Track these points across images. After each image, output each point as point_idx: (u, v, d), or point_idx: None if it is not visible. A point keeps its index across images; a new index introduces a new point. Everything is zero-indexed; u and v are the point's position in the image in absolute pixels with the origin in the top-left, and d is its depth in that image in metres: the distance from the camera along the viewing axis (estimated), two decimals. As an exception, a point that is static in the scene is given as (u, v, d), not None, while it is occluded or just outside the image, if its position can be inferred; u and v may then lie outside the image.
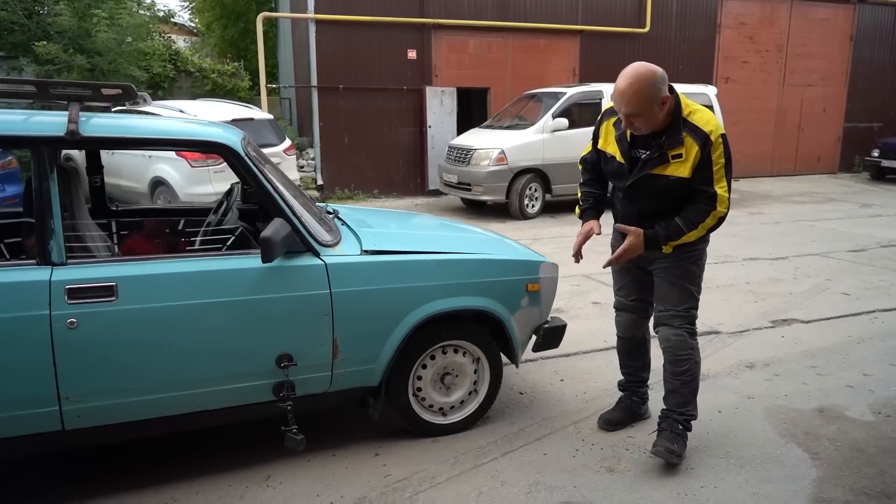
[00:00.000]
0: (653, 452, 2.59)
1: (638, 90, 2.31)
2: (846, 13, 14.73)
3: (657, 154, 2.44)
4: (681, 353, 2.59)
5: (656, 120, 2.39)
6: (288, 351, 2.44)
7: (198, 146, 2.41)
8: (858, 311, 4.82)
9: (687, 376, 2.61)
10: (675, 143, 2.41)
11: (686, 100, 2.48)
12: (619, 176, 2.62)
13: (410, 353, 2.71)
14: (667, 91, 2.36)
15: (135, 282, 2.21)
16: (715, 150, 2.38)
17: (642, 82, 2.31)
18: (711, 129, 2.39)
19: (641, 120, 2.38)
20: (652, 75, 2.33)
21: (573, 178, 9.28)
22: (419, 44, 11.21)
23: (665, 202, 2.52)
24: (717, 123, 2.42)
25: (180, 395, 2.34)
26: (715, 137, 2.37)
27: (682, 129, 2.40)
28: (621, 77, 2.37)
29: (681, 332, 2.60)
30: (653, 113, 2.36)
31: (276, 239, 2.28)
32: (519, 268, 2.90)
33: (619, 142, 2.57)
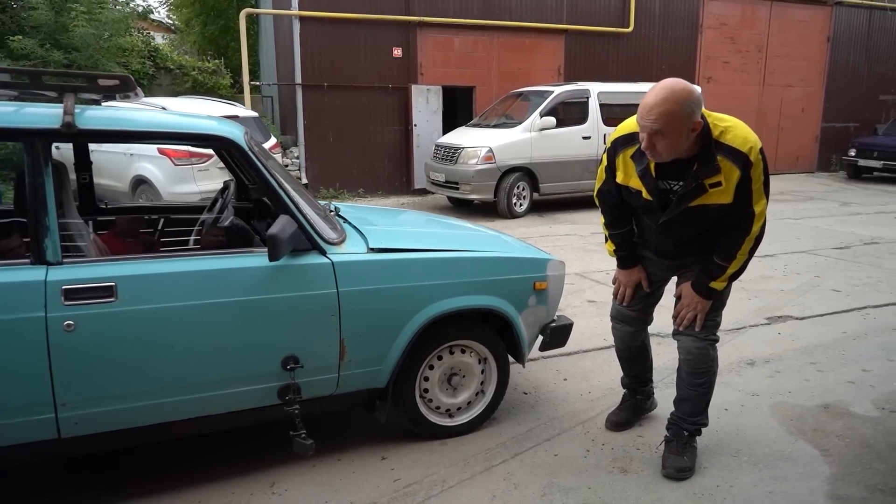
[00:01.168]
0: (664, 475, 2.50)
1: (671, 110, 2.04)
2: (823, 15, 14.98)
3: (693, 185, 2.19)
4: (701, 367, 2.50)
5: (681, 146, 2.14)
6: (294, 352, 2.35)
7: (199, 140, 2.31)
8: (850, 308, 4.86)
9: (704, 388, 2.54)
10: (711, 170, 2.15)
11: (714, 117, 2.20)
12: (649, 210, 2.40)
13: (418, 353, 2.64)
14: (699, 117, 2.11)
15: (135, 281, 2.10)
16: (755, 170, 2.17)
17: (677, 103, 2.04)
18: (750, 146, 2.14)
19: (665, 144, 2.11)
20: (689, 96, 2.06)
21: (560, 177, 9.38)
22: (405, 42, 11.13)
23: (706, 229, 2.36)
24: (755, 138, 2.17)
25: (182, 399, 2.24)
26: (755, 156, 2.14)
27: (717, 152, 2.14)
28: (654, 90, 2.11)
29: (704, 344, 2.46)
30: (680, 138, 2.10)
31: (283, 237, 2.19)
32: (527, 266, 2.84)
33: (643, 178, 2.31)
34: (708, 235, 2.39)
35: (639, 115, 2.13)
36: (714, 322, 2.50)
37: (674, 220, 2.32)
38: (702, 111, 2.14)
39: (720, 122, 2.19)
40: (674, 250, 2.50)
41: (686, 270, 2.55)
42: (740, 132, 2.17)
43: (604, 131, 9.45)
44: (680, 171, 2.23)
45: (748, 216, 2.26)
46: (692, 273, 2.49)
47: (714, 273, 2.36)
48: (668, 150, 2.14)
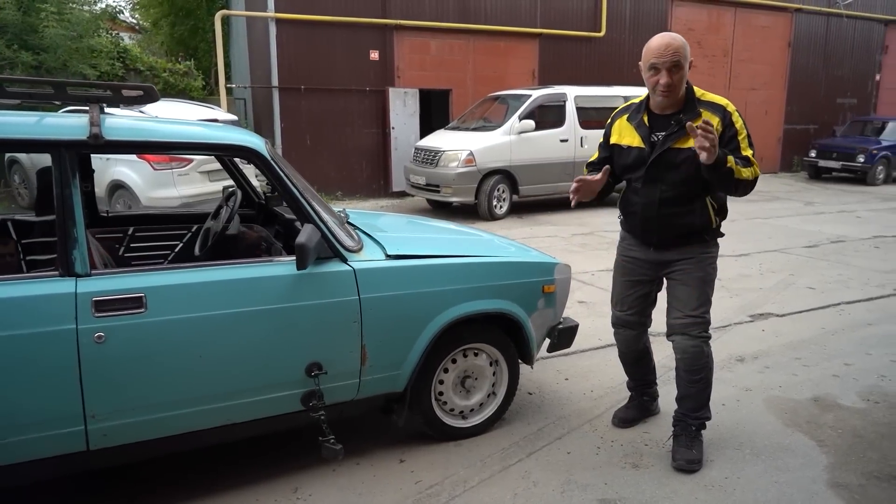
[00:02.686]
0: (675, 468, 2.62)
1: (681, 44, 2.45)
2: (784, 21, 15.51)
3: (677, 128, 2.51)
4: (697, 364, 2.63)
5: (680, 89, 2.50)
6: (318, 359, 2.39)
7: (224, 150, 2.32)
8: (826, 304, 5.09)
9: (702, 383, 2.67)
10: (693, 116, 2.47)
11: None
12: (638, 161, 2.61)
13: (434, 357, 2.70)
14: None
15: (164, 292, 2.11)
16: (736, 121, 2.49)
17: (679, 40, 2.47)
18: (725, 103, 2.53)
19: (679, 76, 2.46)
20: (683, 39, 2.50)
21: (539, 179, 9.53)
22: (381, 45, 11.14)
23: (687, 181, 2.51)
24: (728, 101, 2.56)
25: (209, 408, 2.25)
26: (731, 109, 2.51)
27: (699, 106, 2.52)
28: (660, 38, 2.48)
29: (698, 342, 2.61)
30: (685, 72, 2.48)
31: (311, 245, 2.23)
32: (536, 270, 2.93)
33: (638, 128, 2.63)
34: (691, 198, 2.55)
35: (655, 56, 2.45)
36: (704, 319, 2.63)
37: (660, 163, 2.56)
38: None
39: (701, 90, 2.60)
40: (658, 221, 2.61)
41: (671, 270, 2.69)
42: (717, 96, 2.59)
43: (581, 134, 9.65)
44: (667, 124, 2.56)
45: (746, 159, 2.46)
46: (679, 274, 2.65)
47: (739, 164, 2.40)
48: (679, 83, 2.48)
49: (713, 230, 2.64)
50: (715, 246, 2.69)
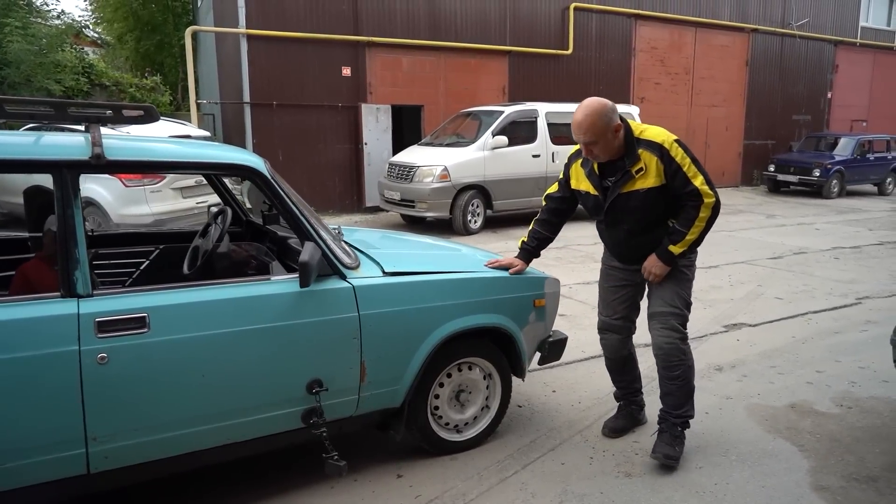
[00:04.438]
0: (652, 457, 2.76)
1: (593, 121, 2.55)
2: (742, 40, 16.14)
3: (622, 174, 2.66)
4: (673, 360, 2.75)
5: (612, 146, 2.62)
6: (318, 376, 2.40)
7: (225, 169, 2.33)
8: (794, 314, 5.29)
9: (681, 381, 2.78)
10: (633, 160, 2.62)
11: (636, 123, 2.71)
12: (597, 207, 2.80)
13: (431, 372, 2.74)
14: (618, 120, 2.61)
15: (166, 311, 2.11)
16: (675, 154, 2.58)
17: (595, 114, 2.56)
18: (663, 139, 2.61)
19: (599, 147, 2.61)
20: (603, 107, 2.58)
21: (513, 194, 9.68)
22: (353, 61, 11.20)
23: (645, 216, 2.70)
24: (668, 133, 2.65)
25: (211, 428, 2.24)
26: (669, 144, 2.59)
27: (638, 147, 2.62)
28: (577, 111, 2.61)
29: (672, 337, 2.72)
30: (608, 140, 2.59)
31: (313, 263, 2.25)
32: (527, 284, 2.99)
33: (589, 177, 2.79)
34: (654, 228, 2.73)
35: (573, 133, 2.65)
36: (680, 312, 2.75)
37: (614, 207, 2.73)
38: (621, 117, 2.63)
39: (641, 127, 2.69)
40: (628, 250, 2.84)
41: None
42: (657, 131, 2.66)
43: (552, 149, 9.84)
44: (615, 169, 2.70)
45: (693, 192, 2.59)
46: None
47: (674, 238, 2.67)
48: (604, 152, 2.64)
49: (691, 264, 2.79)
50: (687, 262, 2.81)
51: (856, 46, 18.34)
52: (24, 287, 2.40)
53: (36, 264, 2.59)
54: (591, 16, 13.58)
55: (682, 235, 2.65)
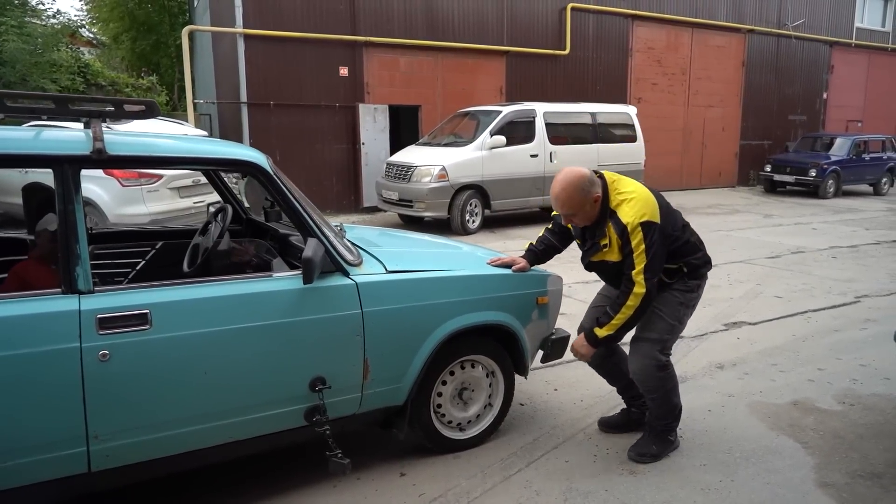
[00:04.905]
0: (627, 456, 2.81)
1: (570, 195, 2.56)
2: (738, 41, 16.18)
3: (590, 245, 2.72)
4: (648, 385, 2.75)
5: (591, 216, 2.64)
6: (321, 374, 2.38)
7: (227, 165, 2.31)
8: (793, 312, 5.29)
9: (659, 399, 2.78)
10: (601, 234, 2.64)
11: (620, 189, 2.61)
12: (583, 257, 2.84)
13: (434, 369, 2.72)
14: (597, 191, 2.59)
15: (168, 308, 2.08)
16: (634, 238, 2.52)
17: (572, 188, 2.56)
18: (630, 219, 2.52)
19: (578, 218, 2.65)
20: (580, 180, 2.56)
21: (511, 194, 9.67)
22: (351, 61, 11.17)
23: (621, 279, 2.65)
24: (642, 213, 2.52)
25: (214, 426, 2.22)
26: (633, 227, 2.51)
27: (608, 220, 2.60)
28: (555, 183, 2.61)
29: (647, 365, 2.69)
30: (586, 212, 2.61)
31: (317, 259, 2.24)
32: (530, 282, 2.98)
33: (576, 236, 2.87)
34: None
35: (552, 205, 2.69)
36: (656, 341, 2.69)
37: (589, 267, 2.81)
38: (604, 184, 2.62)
39: (623, 194, 2.59)
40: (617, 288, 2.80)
41: None
42: (632, 207, 2.55)
43: (550, 149, 9.84)
44: (593, 233, 2.73)
45: (628, 279, 2.58)
46: None
47: (602, 320, 2.68)
48: (582, 220, 2.67)
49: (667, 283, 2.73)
50: (682, 287, 2.75)
51: (851, 47, 18.42)
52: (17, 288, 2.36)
53: (29, 264, 2.56)
54: (587, 16, 13.59)
55: (609, 319, 2.64)
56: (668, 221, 2.61)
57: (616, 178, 2.68)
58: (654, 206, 2.57)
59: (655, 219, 2.54)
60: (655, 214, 2.55)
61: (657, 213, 2.56)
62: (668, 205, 2.72)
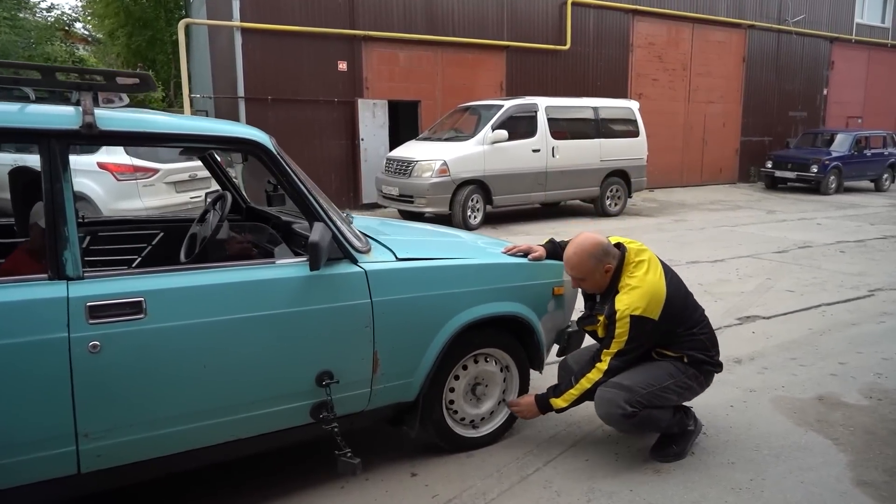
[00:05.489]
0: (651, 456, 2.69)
1: (581, 259, 2.52)
2: (739, 37, 16.06)
3: (587, 315, 2.70)
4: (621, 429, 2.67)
5: (601, 285, 2.57)
6: (328, 367, 2.23)
7: (228, 143, 2.15)
8: (807, 306, 5.15)
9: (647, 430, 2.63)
10: (601, 309, 2.58)
11: (633, 273, 2.50)
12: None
13: (446, 364, 2.57)
14: (611, 262, 2.52)
15: (165, 296, 1.93)
16: (619, 326, 2.44)
17: (585, 254, 2.51)
18: (622, 307, 2.44)
19: (587, 283, 2.60)
20: (595, 248, 2.51)
21: (512, 189, 9.52)
22: (350, 55, 11.02)
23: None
24: (636, 306, 2.42)
25: (213, 423, 2.06)
26: (621, 316, 2.43)
27: (611, 298, 2.51)
28: (570, 245, 2.59)
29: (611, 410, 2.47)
30: (596, 280, 2.55)
31: (324, 244, 2.09)
32: (546, 271, 2.83)
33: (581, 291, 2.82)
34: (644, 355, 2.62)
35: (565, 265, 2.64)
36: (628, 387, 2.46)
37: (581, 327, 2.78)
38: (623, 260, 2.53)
39: (633, 279, 2.50)
40: None
41: None
42: (630, 297, 2.45)
43: (552, 144, 9.70)
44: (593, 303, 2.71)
45: (596, 355, 2.57)
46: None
47: (560, 389, 2.62)
48: (591, 287, 2.63)
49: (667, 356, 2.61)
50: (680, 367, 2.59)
51: (851, 43, 18.33)
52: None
53: (20, 256, 2.39)
54: (588, 11, 13.45)
55: (568, 387, 2.58)
56: (669, 318, 2.49)
57: (640, 259, 2.55)
58: (655, 301, 2.45)
59: (650, 314, 2.45)
60: (653, 310, 2.45)
61: (656, 310, 2.45)
62: (686, 300, 2.63)
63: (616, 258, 2.57)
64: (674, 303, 2.52)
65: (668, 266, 2.67)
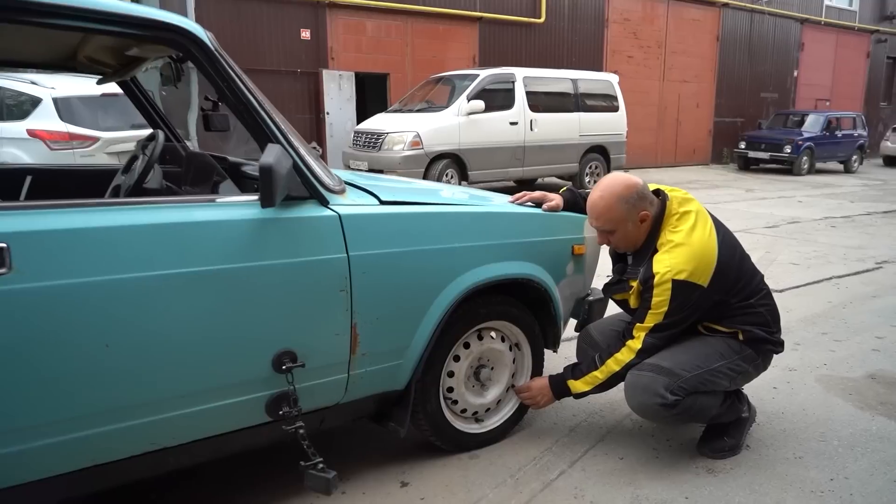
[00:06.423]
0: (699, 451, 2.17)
1: (610, 205, 1.99)
2: (713, 15, 15.77)
3: (616, 280, 2.14)
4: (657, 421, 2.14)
5: (635, 237, 2.04)
6: (289, 346, 1.63)
7: (146, 29, 1.48)
8: (819, 279, 4.74)
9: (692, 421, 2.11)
10: (634, 273, 2.04)
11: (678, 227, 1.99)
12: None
13: (444, 340, 1.99)
14: (647, 207, 2.01)
15: (41, 242, 1.30)
16: (658, 294, 1.93)
17: (614, 197, 1.99)
18: (662, 270, 1.92)
19: (617, 238, 2.05)
20: (627, 190, 1.99)
21: (489, 164, 8.94)
22: (313, 23, 10.26)
23: None
24: (681, 268, 1.91)
25: (123, 428, 1.44)
26: (661, 280, 1.92)
27: (648, 259, 2.00)
28: (595, 188, 2.06)
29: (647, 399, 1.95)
30: (627, 231, 2.02)
31: (280, 170, 1.48)
32: (565, 225, 2.27)
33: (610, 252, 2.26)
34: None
35: (589, 219, 2.11)
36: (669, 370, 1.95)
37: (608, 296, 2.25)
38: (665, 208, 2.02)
39: (676, 234, 1.98)
40: None
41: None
42: (673, 257, 1.94)
43: (531, 117, 9.15)
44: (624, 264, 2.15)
45: (628, 330, 2.05)
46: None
47: (580, 369, 2.10)
48: (623, 243, 2.08)
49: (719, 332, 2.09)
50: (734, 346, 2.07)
51: (820, 25, 18.25)
52: None
53: None
54: (563, -17, 12.94)
55: (591, 369, 2.06)
56: (722, 285, 1.97)
57: (685, 209, 2.03)
58: (705, 264, 1.94)
59: (698, 280, 1.93)
60: (701, 275, 1.93)
61: (705, 275, 1.93)
62: (742, 264, 2.09)
63: (654, 206, 2.03)
64: (728, 267, 1.99)
65: (719, 220, 2.14)
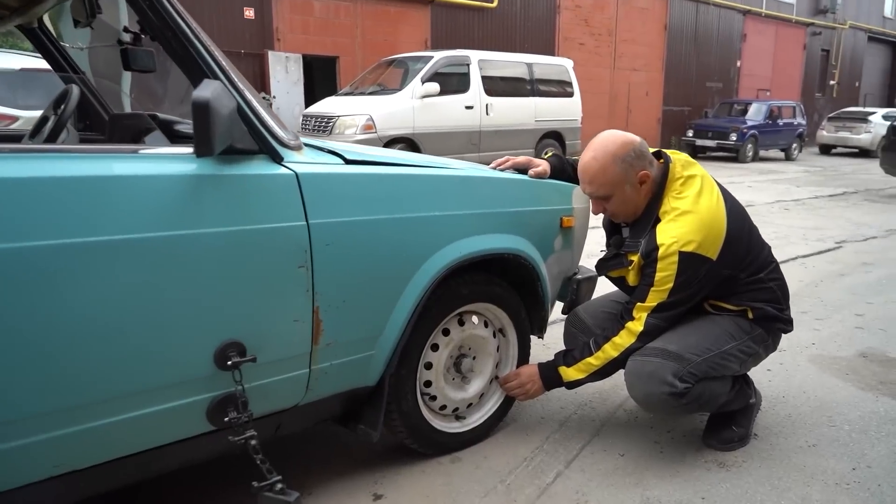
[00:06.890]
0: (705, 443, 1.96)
1: (605, 166, 1.75)
2: (661, 4, 15.90)
3: (612, 255, 1.89)
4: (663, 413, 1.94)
5: (633, 204, 1.81)
6: (236, 337, 1.30)
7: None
8: (784, 259, 4.67)
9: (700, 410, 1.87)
10: (634, 246, 1.80)
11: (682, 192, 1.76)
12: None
13: (422, 326, 1.70)
14: (647, 167, 1.77)
15: None
16: (662, 269, 1.70)
17: (609, 156, 1.75)
18: (667, 241, 1.70)
19: (614, 203, 1.81)
20: (622, 148, 1.75)
21: (444, 149, 8.62)
22: (257, 2, 9.72)
23: None
24: (688, 239, 1.68)
25: (16, 448, 1.09)
26: (665, 253, 1.69)
27: (650, 230, 1.77)
28: (587, 149, 1.82)
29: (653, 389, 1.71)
30: (626, 196, 1.78)
31: (221, 109, 1.15)
32: (553, 194, 2.01)
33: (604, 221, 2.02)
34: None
35: (581, 184, 1.87)
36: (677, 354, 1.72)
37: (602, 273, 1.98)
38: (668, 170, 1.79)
39: (681, 201, 1.75)
40: None
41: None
42: (679, 226, 1.71)
43: (486, 101, 8.90)
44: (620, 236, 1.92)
45: (627, 310, 1.82)
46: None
47: (574, 356, 1.86)
48: (620, 210, 1.83)
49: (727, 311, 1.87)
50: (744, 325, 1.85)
51: (762, 17, 18.71)
52: None
53: None
54: (515, -32, 12.73)
55: (585, 355, 1.83)
56: (731, 258, 1.76)
57: (689, 173, 1.80)
58: (714, 234, 1.72)
59: (706, 252, 1.71)
60: (710, 247, 1.71)
61: (714, 246, 1.72)
62: (752, 235, 1.89)
63: (655, 168, 1.80)
64: (737, 239, 1.78)
65: (724, 186, 1.92)
